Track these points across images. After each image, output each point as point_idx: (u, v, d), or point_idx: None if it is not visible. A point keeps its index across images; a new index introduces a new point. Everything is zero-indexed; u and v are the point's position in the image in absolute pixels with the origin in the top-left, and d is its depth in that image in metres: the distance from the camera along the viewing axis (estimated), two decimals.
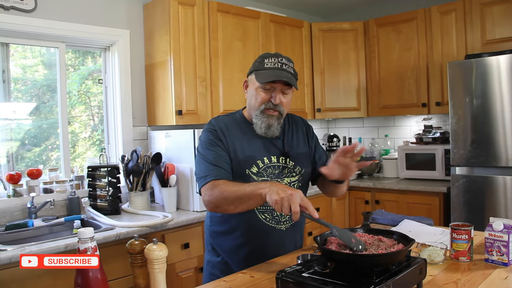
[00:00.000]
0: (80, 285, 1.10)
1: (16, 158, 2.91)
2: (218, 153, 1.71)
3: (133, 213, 2.82)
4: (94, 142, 3.41)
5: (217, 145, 1.73)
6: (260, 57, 1.78)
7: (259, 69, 1.74)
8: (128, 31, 3.25)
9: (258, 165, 1.75)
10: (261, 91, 1.74)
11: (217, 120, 1.83)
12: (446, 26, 3.66)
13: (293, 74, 1.75)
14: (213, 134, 1.76)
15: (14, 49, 2.98)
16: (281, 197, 1.36)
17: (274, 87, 1.72)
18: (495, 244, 1.55)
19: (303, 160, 1.88)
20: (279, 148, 1.83)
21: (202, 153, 1.74)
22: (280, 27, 3.88)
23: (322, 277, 1.23)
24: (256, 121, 1.77)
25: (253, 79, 1.77)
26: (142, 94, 3.36)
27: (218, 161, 1.69)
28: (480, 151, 3.18)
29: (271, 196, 1.39)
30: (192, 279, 2.67)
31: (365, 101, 4.27)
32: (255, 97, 1.75)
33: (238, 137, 1.78)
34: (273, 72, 1.70)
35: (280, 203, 1.36)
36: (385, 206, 3.77)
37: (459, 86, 3.27)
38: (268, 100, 1.73)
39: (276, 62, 1.73)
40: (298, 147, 1.89)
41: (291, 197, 1.35)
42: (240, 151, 1.75)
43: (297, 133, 1.92)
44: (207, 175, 1.65)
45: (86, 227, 1.11)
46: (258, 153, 1.77)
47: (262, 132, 1.77)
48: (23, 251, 2.01)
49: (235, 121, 1.84)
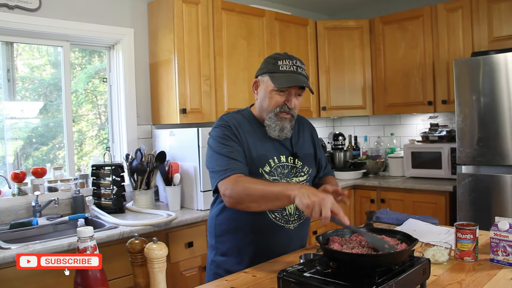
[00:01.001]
0: (80, 284, 1.09)
1: (25, 157, 2.93)
2: (234, 147, 1.69)
3: (137, 212, 2.82)
4: (101, 140, 3.41)
5: (232, 140, 1.70)
6: (272, 58, 1.74)
7: (274, 71, 1.71)
8: (132, 30, 3.25)
9: (270, 164, 1.75)
10: (275, 94, 1.71)
11: (228, 116, 1.80)
12: (453, 23, 3.63)
13: (307, 77, 1.74)
14: (227, 129, 1.73)
15: (22, 48, 2.99)
16: (312, 201, 1.35)
17: (290, 90, 1.70)
18: (501, 244, 1.52)
19: (310, 160, 1.89)
20: (287, 148, 1.82)
21: (216, 148, 1.70)
22: (285, 25, 3.86)
23: (324, 277, 1.22)
24: (269, 123, 1.74)
25: (266, 81, 1.74)
26: (147, 93, 3.36)
27: (235, 155, 1.66)
28: (487, 149, 3.14)
29: (302, 199, 1.38)
30: (196, 278, 2.66)
31: (370, 99, 4.24)
32: (269, 100, 1.72)
33: (250, 135, 1.76)
34: (290, 77, 1.68)
35: (311, 207, 1.35)
36: (391, 204, 3.74)
37: (465, 84, 3.24)
38: (283, 103, 1.71)
39: (291, 65, 1.70)
40: (305, 147, 1.89)
41: (323, 202, 1.34)
42: (253, 149, 1.73)
43: (303, 134, 1.93)
44: (226, 169, 1.62)
45: (85, 226, 1.11)
46: (270, 152, 1.76)
47: (275, 135, 1.75)
48: (26, 249, 2.02)
49: (245, 119, 1.81)
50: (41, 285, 2.05)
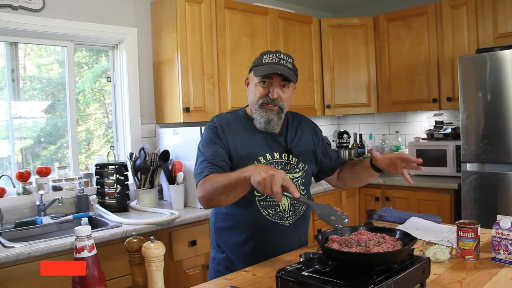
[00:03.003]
0: (78, 283, 1.10)
1: (33, 156, 2.95)
2: (216, 151, 1.72)
3: (141, 211, 2.83)
4: (108, 139, 3.43)
5: (215, 143, 1.74)
6: (260, 54, 1.81)
7: (257, 65, 1.77)
8: (135, 29, 3.26)
9: (260, 162, 1.75)
10: (259, 86, 1.76)
11: (219, 117, 1.84)
12: (457, 20, 3.60)
13: (291, 69, 1.75)
14: (213, 131, 1.78)
15: (30, 48, 3.01)
16: (263, 178, 1.36)
17: (272, 82, 1.74)
18: (502, 243, 1.51)
19: (307, 157, 1.88)
20: (281, 145, 1.83)
21: (201, 151, 1.76)
22: (288, 23, 3.85)
23: (322, 276, 1.22)
24: (255, 116, 1.78)
25: (251, 76, 1.81)
26: (150, 92, 3.37)
27: (214, 158, 1.70)
28: (492, 147, 3.12)
29: (254, 178, 1.39)
30: (199, 276, 2.67)
31: (375, 97, 4.22)
32: (254, 93, 1.77)
33: (239, 134, 1.78)
34: (270, 67, 1.73)
35: (263, 184, 1.36)
36: (395, 203, 3.73)
37: (470, 81, 3.21)
38: (266, 94, 1.75)
39: (274, 57, 1.75)
40: (301, 144, 1.89)
41: (273, 178, 1.35)
42: (241, 148, 1.75)
43: (301, 131, 1.92)
44: (201, 172, 1.67)
45: (83, 225, 1.11)
46: (260, 150, 1.78)
47: (262, 127, 1.77)
48: (30, 248, 2.03)
49: (238, 118, 1.85)
50: (45, 284, 2.06)
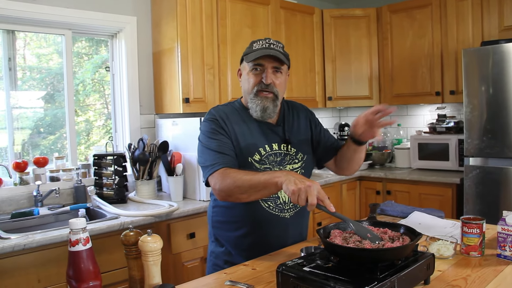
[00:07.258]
0: (72, 277, 1.06)
1: (32, 146, 2.91)
2: (222, 141, 1.69)
3: (139, 202, 2.79)
4: (108, 130, 3.39)
5: (220, 133, 1.70)
6: (250, 43, 1.78)
7: (248, 52, 1.74)
8: (135, 18, 3.20)
9: (260, 153, 1.72)
10: (252, 74, 1.73)
11: (216, 109, 1.81)
12: (462, 12, 3.54)
13: (282, 53, 1.72)
14: (214, 123, 1.73)
15: (30, 38, 2.96)
16: (298, 188, 1.32)
17: (264, 68, 1.71)
18: (508, 239, 1.48)
19: (305, 146, 1.85)
20: (279, 135, 1.80)
21: (205, 143, 1.71)
22: (290, 13, 3.79)
23: (324, 271, 1.18)
24: (251, 105, 1.74)
25: (243, 65, 1.78)
26: (150, 82, 3.32)
27: (223, 149, 1.66)
28: (495, 141, 3.08)
29: (288, 186, 1.35)
30: (198, 269, 2.64)
31: (377, 89, 4.17)
32: (248, 81, 1.74)
33: (239, 125, 1.75)
34: (260, 51, 1.70)
35: (297, 194, 1.32)
36: (397, 196, 3.70)
37: (474, 74, 3.16)
38: (260, 81, 1.71)
39: (264, 43, 1.72)
40: (300, 133, 1.85)
41: (309, 189, 1.31)
42: (241, 139, 1.72)
43: (298, 120, 1.88)
44: (214, 164, 1.62)
45: (78, 218, 1.07)
46: (259, 141, 1.74)
47: (258, 116, 1.74)
48: (26, 239, 2.00)
49: (234, 109, 1.81)
50: (41, 276, 2.04)
